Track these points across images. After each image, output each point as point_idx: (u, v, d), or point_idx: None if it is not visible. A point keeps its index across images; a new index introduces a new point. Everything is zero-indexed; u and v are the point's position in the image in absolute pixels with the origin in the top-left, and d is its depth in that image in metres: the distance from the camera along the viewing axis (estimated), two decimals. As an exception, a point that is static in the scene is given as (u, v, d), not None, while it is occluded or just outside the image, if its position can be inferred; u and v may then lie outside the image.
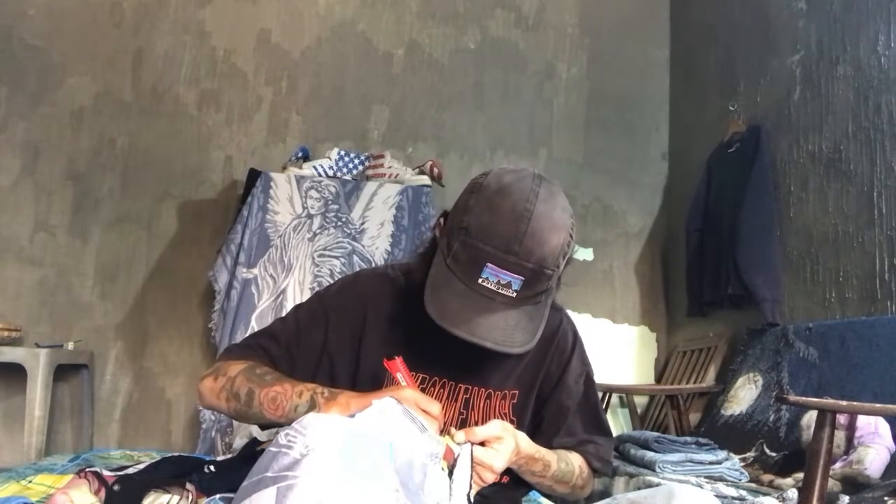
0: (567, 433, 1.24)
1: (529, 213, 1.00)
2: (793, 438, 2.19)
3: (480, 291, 1.01)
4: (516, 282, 1.00)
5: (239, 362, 1.15)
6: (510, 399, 1.20)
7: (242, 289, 2.79)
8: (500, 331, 1.01)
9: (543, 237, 1.00)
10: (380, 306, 1.19)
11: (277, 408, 1.06)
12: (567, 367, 1.25)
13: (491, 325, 1.00)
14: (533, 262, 1.00)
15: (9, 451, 3.02)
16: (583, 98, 3.80)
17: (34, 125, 3.32)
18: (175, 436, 3.24)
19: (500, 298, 1.01)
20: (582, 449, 1.25)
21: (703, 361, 3.16)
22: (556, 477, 1.18)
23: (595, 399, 1.30)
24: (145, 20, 3.47)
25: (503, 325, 1.01)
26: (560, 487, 1.21)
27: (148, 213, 3.36)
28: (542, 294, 1.05)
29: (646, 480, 1.98)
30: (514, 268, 1.00)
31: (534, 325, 1.04)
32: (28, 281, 3.24)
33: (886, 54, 2.45)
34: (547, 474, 1.16)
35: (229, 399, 1.11)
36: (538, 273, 1.01)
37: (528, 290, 1.02)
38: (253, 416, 1.10)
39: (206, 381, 1.16)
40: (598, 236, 3.70)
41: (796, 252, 2.77)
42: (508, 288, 1.00)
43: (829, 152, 2.67)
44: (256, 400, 1.07)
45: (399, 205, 2.98)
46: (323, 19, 3.62)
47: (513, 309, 1.02)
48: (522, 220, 1.00)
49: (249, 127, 3.49)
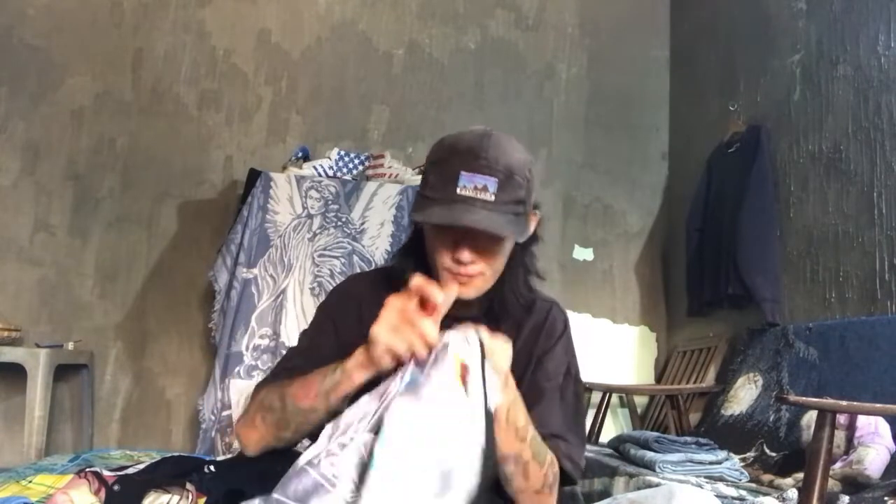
0: (538, 422, 1.12)
1: (489, 133, 1.11)
2: (793, 438, 2.19)
3: (461, 201, 1.06)
4: (492, 183, 1.06)
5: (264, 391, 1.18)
6: None
7: (242, 289, 2.79)
8: (486, 222, 1.05)
9: (507, 148, 1.09)
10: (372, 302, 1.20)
11: (309, 390, 1.06)
12: (550, 352, 1.21)
13: (475, 219, 1.05)
14: (502, 166, 1.07)
15: (9, 451, 3.03)
16: (583, 98, 3.80)
17: (34, 125, 3.32)
18: (175, 436, 3.24)
19: (480, 204, 1.06)
20: (553, 444, 1.13)
21: (703, 361, 3.16)
22: (535, 448, 1.07)
23: (574, 397, 1.22)
24: (145, 20, 3.47)
25: (487, 220, 1.06)
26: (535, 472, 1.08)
27: (148, 213, 3.36)
28: (520, 205, 1.10)
29: (646, 480, 1.98)
30: (485, 170, 1.06)
31: (518, 228, 1.10)
32: (28, 281, 3.24)
33: (886, 54, 2.45)
34: (527, 435, 1.06)
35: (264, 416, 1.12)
36: (509, 176, 1.07)
37: (504, 195, 1.07)
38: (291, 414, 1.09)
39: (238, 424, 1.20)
40: (598, 236, 3.70)
41: (796, 252, 2.77)
42: (486, 192, 1.06)
43: (829, 152, 2.67)
44: (288, 397, 1.09)
45: (399, 205, 2.98)
46: (323, 19, 3.62)
47: (494, 213, 1.06)
48: (484, 137, 1.10)
49: (249, 127, 3.49)
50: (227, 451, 2.57)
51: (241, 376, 2.73)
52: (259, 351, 2.76)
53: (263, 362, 2.75)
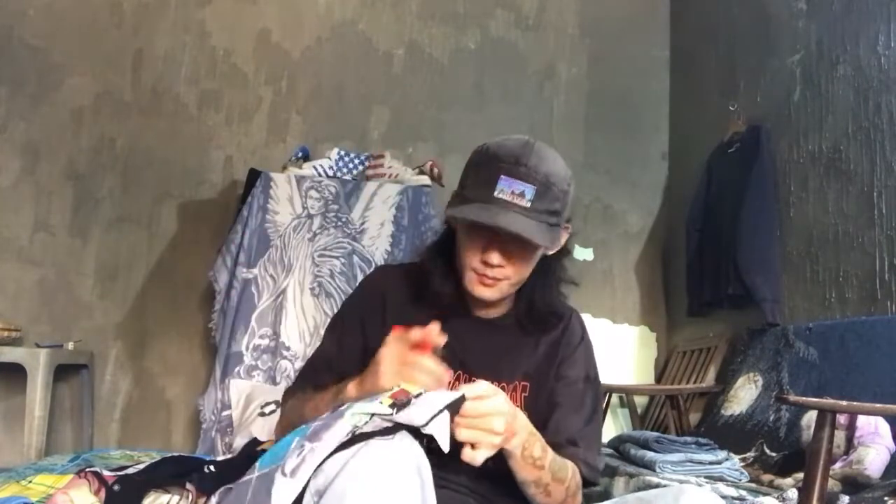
0: (556, 430, 1.16)
1: (533, 142, 1.12)
2: (793, 438, 2.19)
3: (497, 204, 1.07)
4: (529, 190, 1.07)
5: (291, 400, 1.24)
6: (521, 391, 1.20)
7: (242, 289, 2.79)
8: (519, 226, 1.06)
9: (548, 157, 1.11)
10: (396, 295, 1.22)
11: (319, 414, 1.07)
12: (569, 360, 1.23)
13: (509, 221, 1.06)
14: (542, 174, 1.09)
15: (9, 451, 3.02)
16: (583, 98, 3.80)
17: (34, 125, 3.32)
18: (175, 436, 3.24)
19: (516, 209, 1.07)
20: (570, 451, 1.15)
21: (703, 361, 3.16)
22: (554, 470, 1.08)
23: (594, 406, 1.23)
24: (145, 20, 3.47)
25: (521, 225, 1.06)
26: (556, 489, 1.10)
27: (148, 213, 3.36)
28: (555, 216, 1.11)
29: (646, 480, 1.98)
30: (525, 177, 1.08)
31: (551, 237, 1.11)
32: (28, 281, 3.24)
33: (886, 54, 2.45)
34: (545, 462, 1.06)
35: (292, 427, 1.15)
36: (547, 186, 1.09)
37: (540, 204, 1.08)
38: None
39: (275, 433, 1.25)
40: (598, 236, 3.70)
41: (796, 252, 2.77)
42: (522, 198, 1.07)
43: (829, 152, 2.67)
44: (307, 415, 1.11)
45: (399, 205, 2.97)
46: (323, 19, 3.62)
47: (529, 219, 1.08)
48: (527, 146, 1.11)
49: (249, 127, 3.49)
50: (227, 451, 2.56)
51: (241, 376, 2.72)
52: (259, 351, 2.76)
53: (263, 362, 2.75)
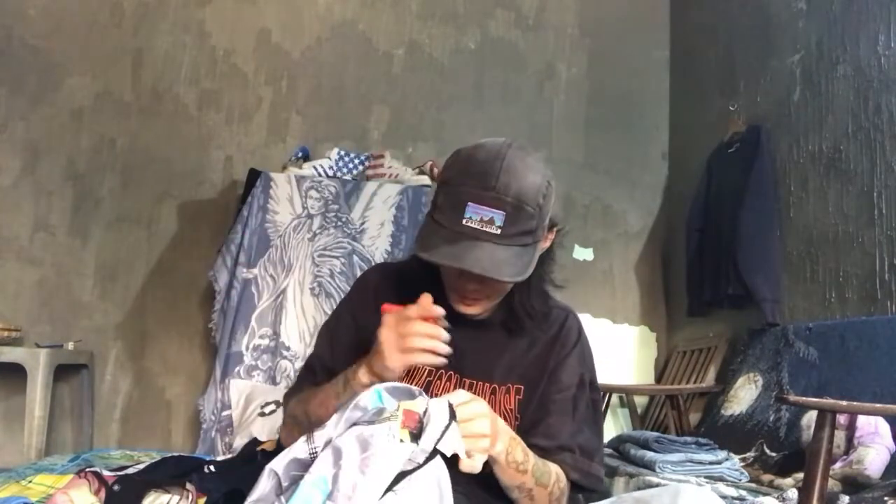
0: (548, 435, 1.14)
1: (503, 154, 1.05)
2: (793, 438, 2.19)
3: (466, 232, 1.03)
4: (498, 217, 1.03)
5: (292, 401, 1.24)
6: (514, 394, 1.19)
7: (242, 289, 2.79)
8: (487, 262, 1.02)
9: (519, 173, 1.04)
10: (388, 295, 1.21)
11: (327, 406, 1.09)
12: (563, 363, 1.21)
13: (477, 258, 1.02)
14: (511, 196, 1.03)
15: (9, 451, 3.02)
16: (583, 98, 3.80)
17: (34, 125, 3.32)
18: (175, 436, 3.24)
19: (485, 237, 1.03)
20: (561, 458, 1.14)
21: (703, 361, 3.16)
22: (537, 475, 1.08)
23: (588, 407, 1.21)
24: (145, 20, 3.47)
25: (490, 258, 1.03)
26: (540, 493, 1.10)
27: (148, 213, 3.36)
28: (528, 235, 1.06)
29: (646, 480, 1.98)
30: (493, 202, 1.03)
31: (523, 262, 1.06)
32: (28, 281, 3.24)
33: (886, 54, 2.45)
34: (528, 467, 1.06)
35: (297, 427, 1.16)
36: (518, 208, 1.04)
37: (512, 227, 1.04)
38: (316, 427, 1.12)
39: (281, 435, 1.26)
40: (598, 236, 3.70)
41: (796, 252, 2.77)
42: (492, 224, 1.03)
43: (829, 152, 2.67)
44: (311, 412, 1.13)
45: (399, 205, 2.98)
46: (323, 19, 3.62)
47: (499, 246, 1.04)
48: (497, 160, 1.05)
49: (249, 127, 3.49)
50: (227, 451, 2.56)
51: (241, 376, 2.73)
52: (259, 351, 2.76)
53: (263, 362, 2.75)
